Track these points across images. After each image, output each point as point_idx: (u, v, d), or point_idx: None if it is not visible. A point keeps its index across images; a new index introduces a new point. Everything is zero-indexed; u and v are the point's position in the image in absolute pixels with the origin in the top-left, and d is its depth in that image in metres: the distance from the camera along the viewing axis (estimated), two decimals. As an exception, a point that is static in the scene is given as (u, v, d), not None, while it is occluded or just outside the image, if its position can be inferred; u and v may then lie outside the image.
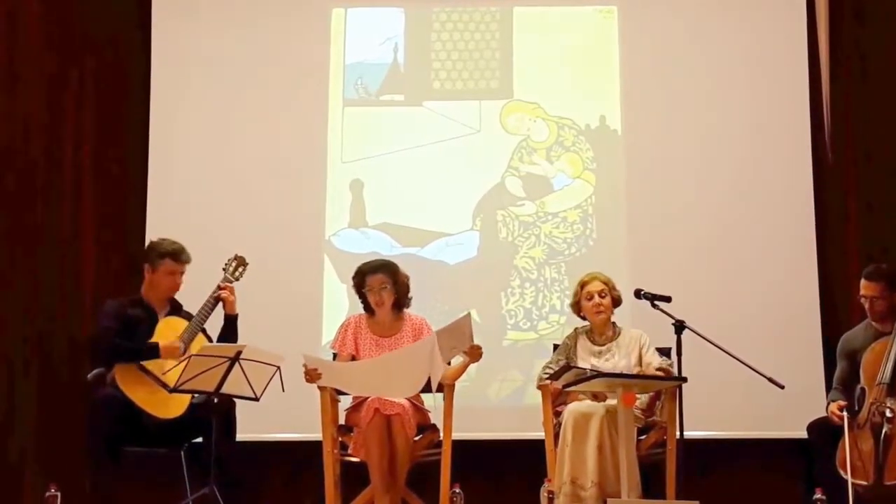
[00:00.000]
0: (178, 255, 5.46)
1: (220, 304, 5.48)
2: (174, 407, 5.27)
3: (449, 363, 5.44)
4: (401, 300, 5.60)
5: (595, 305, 5.62)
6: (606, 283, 5.67)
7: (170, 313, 5.51)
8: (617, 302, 5.69)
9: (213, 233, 6.46)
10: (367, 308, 5.63)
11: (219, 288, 5.47)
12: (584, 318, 5.72)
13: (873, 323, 5.58)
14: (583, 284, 5.69)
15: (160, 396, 5.24)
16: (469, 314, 5.34)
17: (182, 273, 5.50)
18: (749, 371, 5.23)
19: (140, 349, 5.29)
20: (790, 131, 6.66)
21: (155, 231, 6.36)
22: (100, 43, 6.78)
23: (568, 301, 6.39)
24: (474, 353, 5.38)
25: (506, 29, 6.85)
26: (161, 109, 6.74)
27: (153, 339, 5.34)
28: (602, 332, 5.67)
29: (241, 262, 5.59)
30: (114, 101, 6.77)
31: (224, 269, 5.56)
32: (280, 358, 5.11)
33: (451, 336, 5.27)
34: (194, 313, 5.47)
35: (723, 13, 6.80)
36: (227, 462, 5.24)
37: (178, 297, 5.58)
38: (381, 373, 5.31)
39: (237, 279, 5.56)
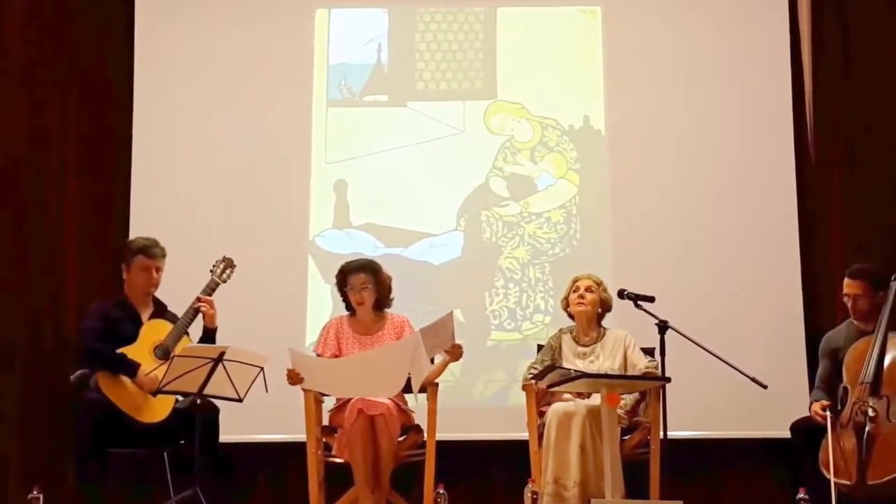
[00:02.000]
0: (148, 250, 5.44)
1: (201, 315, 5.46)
2: (157, 411, 5.25)
3: (432, 361, 5.47)
4: (382, 300, 5.61)
5: (579, 297, 5.64)
6: (598, 282, 5.69)
7: (154, 314, 5.49)
8: (605, 305, 5.68)
9: (198, 233, 6.46)
10: (349, 307, 5.64)
11: (198, 300, 5.43)
12: (571, 317, 5.73)
13: (856, 322, 5.58)
14: (575, 280, 5.72)
15: (143, 400, 5.23)
16: (452, 313, 5.36)
17: (158, 269, 5.47)
18: (732, 371, 5.24)
19: (120, 363, 5.26)
20: (773, 130, 6.67)
21: (139, 232, 6.35)
22: (83, 43, 6.76)
23: (552, 301, 6.44)
24: (455, 352, 5.39)
25: (489, 29, 6.86)
26: (144, 110, 6.73)
27: (137, 342, 5.32)
28: (587, 333, 5.67)
29: (229, 263, 5.57)
30: (97, 103, 6.75)
31: (211, 271, 5.53)
32: (264, 359, 5.10)
33: (434, 335, 5.29)
34: (178, 314, 5.46)
35: (706, 13, 6.81)
36: (211, 465, 5.22)
37: (163, 298, 5.57)
38: (363, 371, 5.30)
39: (224, 281, 5.53)
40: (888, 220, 6.55)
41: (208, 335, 5.45)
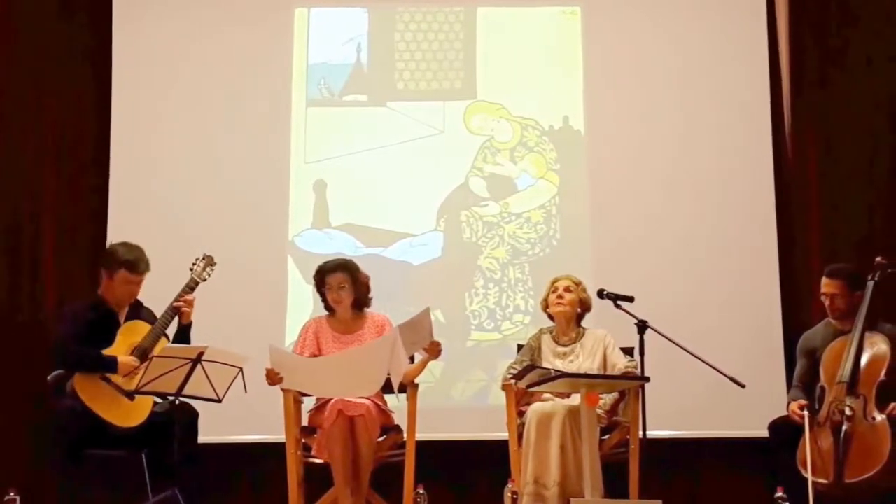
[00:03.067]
0: (134, 267, 5.36)
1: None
2: (135, 415, 5.21)
3: (411, 360, 5.47)
4: (360, 300, 5.62)
5: (557, 297, 5.67)
6: (577, 283, 5.71)
7: (130, 313, 5.44)
8: (585, 305, 5.70)
9: (177, 233, 6.45)
10: (328, 306, 5.65)
11: (178, 299, 5.39)
12: (550, 318, 5.74)
13: (833, 321, 5.59)
14: (554, 281, 5.74)
15: (121, 405, 5.18)
16: (428, 309, 5.35)
17: (139, 283, 5.41)
18: (711, 370, 5.25)
19: (98, 360, 5.22)
20: (752, 130, 6.70)
21: (117, 231, 6.33)
22: (60, 43, 6.71)
23: (532, 301, 6.45)
24: (434, 350, 5.40)
25: (469, 29, 6.86)
26: (123, 110, 6.70)
27: (115, 344, 5.29)
28: (566, 333, 5.68)
29: (209, 261, 5.52)
30: (75, 104, 6.71)
31: (191, 269, 5.49)
32: (243, 359, 5.08)
33: (412, 331, 5.29)
34: (155, 311, 5.43)
35: (685, 14, 6.83)
36: (189, 466, 5.20)
37: (142, 296, 5.52)
38: (343, 370, 5.30)
39: (204, 279, 5.49)
40: (865, 220, 6.58)
41: (182, 332, 5.43)
